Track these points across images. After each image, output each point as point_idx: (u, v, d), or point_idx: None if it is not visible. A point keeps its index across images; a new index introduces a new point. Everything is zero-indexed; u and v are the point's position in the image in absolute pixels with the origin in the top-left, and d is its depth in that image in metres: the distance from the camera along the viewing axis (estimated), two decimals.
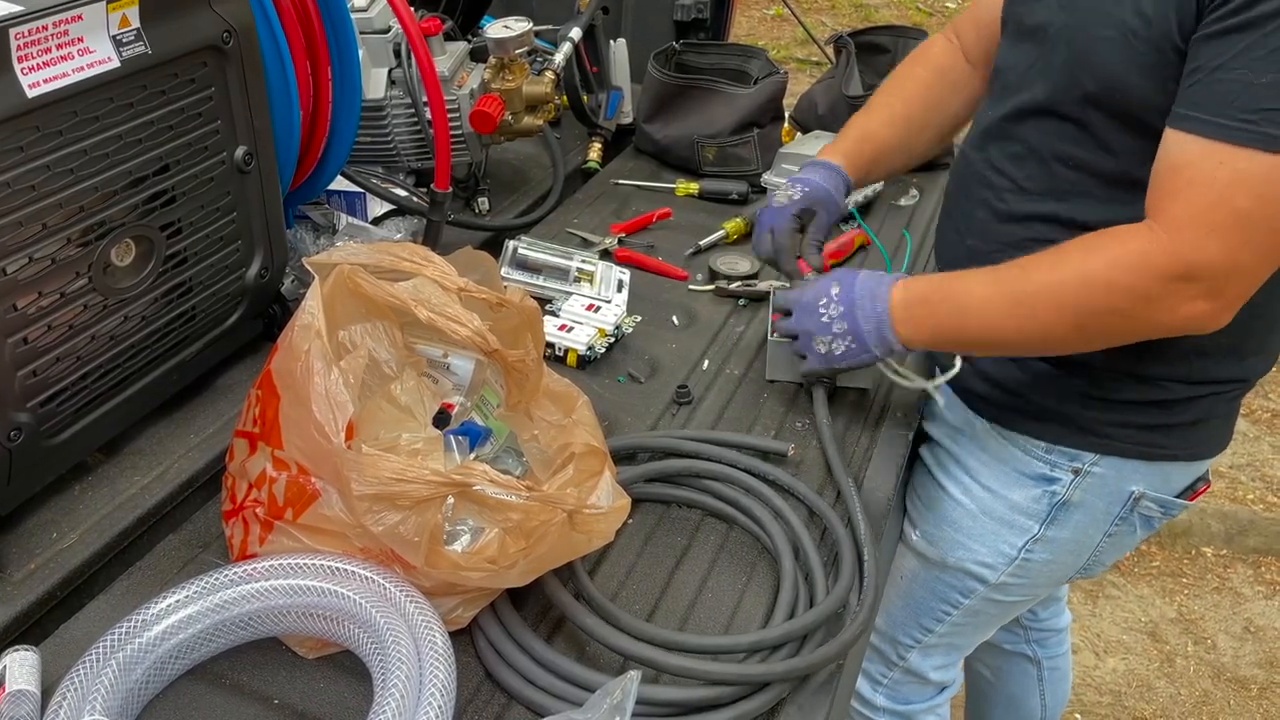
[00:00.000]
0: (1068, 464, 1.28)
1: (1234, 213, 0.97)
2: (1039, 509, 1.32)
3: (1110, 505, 1.30)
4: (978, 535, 1.38)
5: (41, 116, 0.92)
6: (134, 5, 0.99)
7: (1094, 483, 1.28)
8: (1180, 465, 1.27)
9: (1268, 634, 2.64)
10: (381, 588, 0.92)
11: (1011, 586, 1.40)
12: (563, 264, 1.53)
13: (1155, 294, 1.02)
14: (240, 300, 1.25)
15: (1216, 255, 0.99)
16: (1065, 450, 1.28)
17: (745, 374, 1.41)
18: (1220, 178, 0.97)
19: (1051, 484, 1.30)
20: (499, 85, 1.64)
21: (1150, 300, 1.03)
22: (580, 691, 0.91)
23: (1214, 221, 0.98)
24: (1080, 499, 1.30)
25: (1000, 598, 1.42)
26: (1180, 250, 1.00)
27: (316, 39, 1.27)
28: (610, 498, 0.98)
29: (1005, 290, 1.11)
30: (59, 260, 0.98)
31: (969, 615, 1.45)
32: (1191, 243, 0.99)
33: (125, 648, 0.87)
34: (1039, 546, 1.35)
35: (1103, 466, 1.27)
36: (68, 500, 1.09)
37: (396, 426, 1.03)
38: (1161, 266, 1.01)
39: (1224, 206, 0.98)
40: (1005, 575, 1.38)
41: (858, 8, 6.73)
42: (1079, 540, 1.34)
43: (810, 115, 2.03)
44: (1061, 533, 1.33)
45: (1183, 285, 1.01)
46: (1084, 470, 1.28)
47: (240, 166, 1.17)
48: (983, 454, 1.36)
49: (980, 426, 1.35)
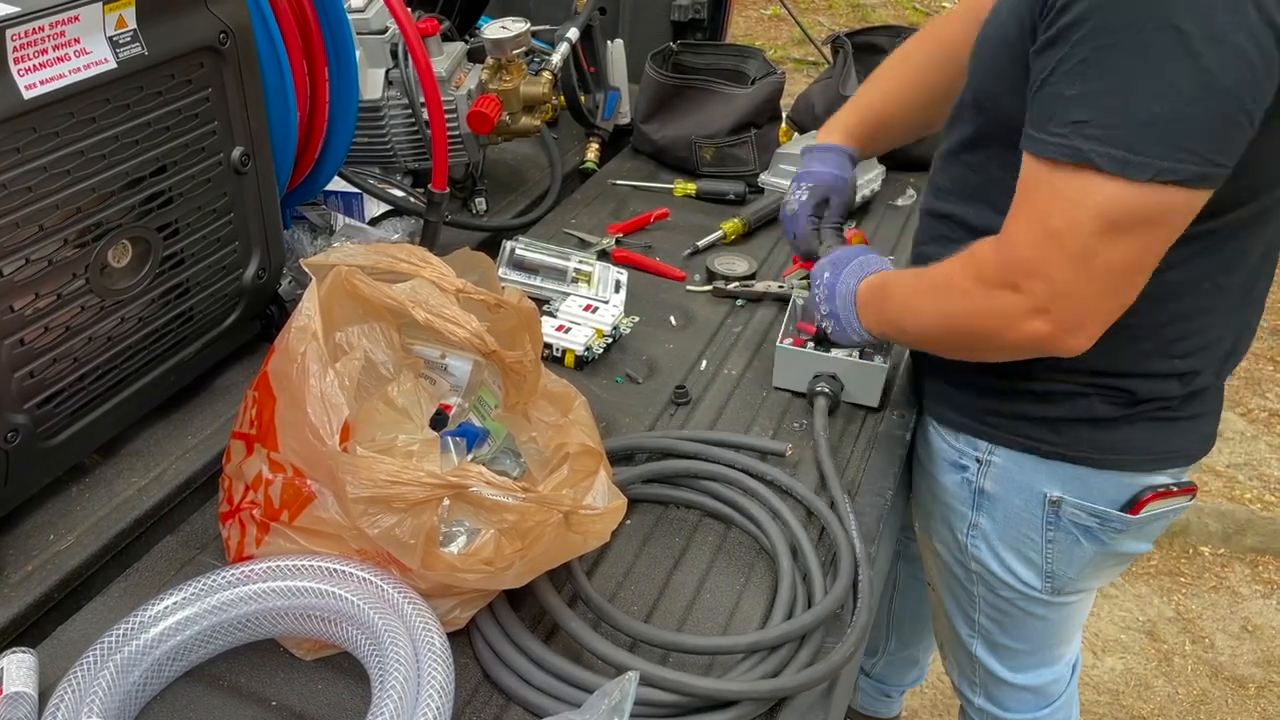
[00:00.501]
0: (971, 452, 1.32)
1: (1047, 232, 0.98)
2: (965, 494, 1.35)
3: (1028, 503, 1.30)
4: (938, 518, 1.42)
5: (38, 118, 0.92)
6: (130, 6, 0.99)
7: (999, 474, 1.30)
8: (1100, 473, 1.24)
9: (1265, 633, 2.65)
10: (379, 589, 0.92)
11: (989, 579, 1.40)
12: (560, 264, 1.53)
13: (991, 306, 1.05)
14: (237, 301, 1.25)
15: (1036, 274, 1.00)
16: (967, 438, 1.32)
17: (743, 374, 1.41)
18: (1039, 198, 0.99)
19: (964, 471, 1.33)
20: (496, 86, 1.64)
21: (988, 312, 1.06)
22: (578, 692, 0.91)
23: (1032, 241, 1.00)
24: (994, 490, 1.32)
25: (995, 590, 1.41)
26: (1006, 268, 1.03)
27: (313, 40, 1.27)
28: (606, 498, 0.98)
29: (910, 288, 1.19)
30: (56, 261, 0.98)
31: (992, 608, 1.45)
32: (1015, 262, 1.02)
33: (123, 649, 0.87)
34: (979, 536, 1.37)
35: (999, 458, 1.29)
36: (65, 502, 1.09)
37: (393, 428, 1.03)
38: (993, 278, 1.04)
39: (1039, 226, 0.99)
40: (973, 564, 1.40)
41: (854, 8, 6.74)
42: (1016, 538, 1.33)
43: (807, 115, 2.03)
44: (993, 525, 1.34)
45: (1009, 295, 1.03)
46: (985, 460, 1.30)
47: (237, 167, 1.17)
48: (922, 439, 1.41)
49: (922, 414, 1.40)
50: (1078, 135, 0.94)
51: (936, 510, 1.43)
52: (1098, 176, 0.94)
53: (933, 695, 2.46)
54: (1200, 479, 3.06)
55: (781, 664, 0.96)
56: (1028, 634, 1.48)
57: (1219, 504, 2.97)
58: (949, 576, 1.48)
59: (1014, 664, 1.53)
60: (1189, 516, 2.91)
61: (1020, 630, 1.47)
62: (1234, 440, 3.22)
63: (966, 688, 1.63)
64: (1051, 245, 0.99)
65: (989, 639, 1.51)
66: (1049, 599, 1.39)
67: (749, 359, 1.45)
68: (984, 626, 1.49)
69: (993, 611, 1.46)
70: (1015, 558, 1.36)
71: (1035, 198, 1.00)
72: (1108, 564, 1.36)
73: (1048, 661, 1.54)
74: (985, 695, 1.61)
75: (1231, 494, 3.02)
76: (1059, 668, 1.56)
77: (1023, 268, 1.01)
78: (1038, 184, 1.00)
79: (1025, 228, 1.01)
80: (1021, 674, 1.54)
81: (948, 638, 1.61)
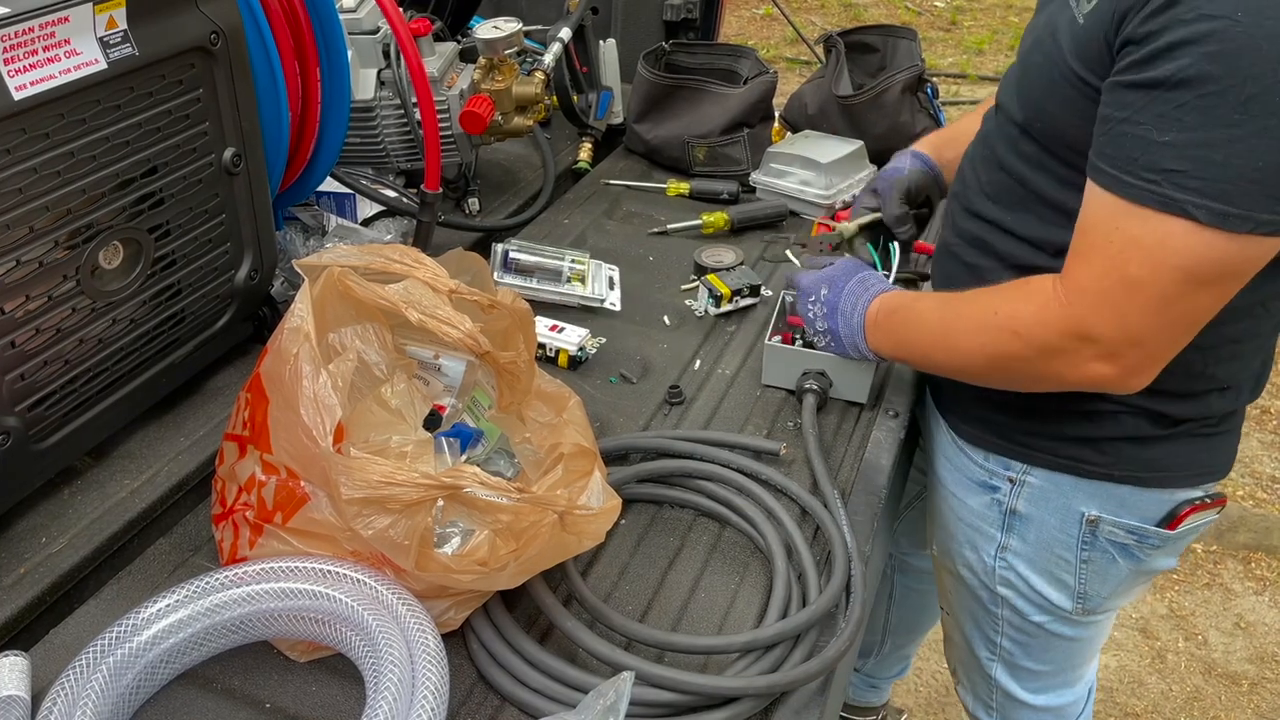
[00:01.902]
0: (1003, 472, 1.30)
1: (1125, 280, 0.97)
2: (994, 515, 1.34)
3: (1064, 523, 1.28)
4: (962, 540, 1.41)
5: (28, 119, 0.92)
6: (121, 7, 0.98)
7: (1034, 494, 1.29)
8: (1139, 490, 1.24)
9: (1258, 630, 2.65)
10: (373, 590, 0.92)
11: (1014, 600, 1.39)
12: (554, 264, 1.53)
13: (1053, 348, 1.04)
14: (230, 302, 1.25)
15: (1109, 321, 0.99)
16: (999, 459, 1.30)
17: (737, 374, 1.41)
18: (1115, 242, 0.97)
19: (995, 491, 1.32)
20: (488, 86, 1.63)
21: (1049, 354, 1.05)
22: (574, 693, 0.91)
23: (1106, 289, 0.98)
24: (1027, 511, 1.30)
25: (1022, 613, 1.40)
26: (1074, 313, 1.01)
27: (305, 40, 1.27)
28: (601, 498, 0.98)
29: (941, 321, 1.17)
30: (46, 263, 0.98)
31: (1016, 630, 1.44)
32: (1085, 306, 1.00)
33: (115, 652, 0.86)
34: (1010, 557, 1.35)
35: (1036, 478, 1.28)
36: (57, 504, 1.08)
37: (387, 429, 1.02)
38: (1058, 325, 1.03)
39: (1116, 273, 0.97)
40: (1000, 586, 1.39)
41: (847, 7, 6.75)
42: (1048, 558, 1.32)
43: (800, 115, 2.03)
44: (1025, 546, 1.33)
45: (1079, 344, 1.02)
46: (1018, 480, 1.29)
47: (229, 168, 1.17)
48: (945, 460, 1.39)
49: (944, 434, 1.39)
50: (1170, 184, 0.92)
51: (959, 533, 1.40)
52: (1190, 226, 0.92)
53: (927, 694, 2.47)
54: None
55: (776, 663, 0.96)
56: (1052, 655, 1.46)
57: None
58: (969, 600, 1.47)
59: (1035, 686, 1.52)
60: None
61: (1045, 652, 1.46)
62: None
63: (982, 711, 1.61)
64: (1129, 294, 0.97)
65: (1011, 662, 1.49)
66: (1078, 620, 1.38)
67: (743, 358, 1.45)
68: (1006, 650, 1.47)
69: (1017, 634, 1.44)
70: (1046, 579, 1.34)
71: (1109, 241, 0.97)
72: (1139, 582, 1.35)
73: (1070, 683, 1.53)
74: (1002, 718, 1.59)
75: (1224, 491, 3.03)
76: (1079, 688, 1.55)
77: (1095, 315, 0.99)
78: (1112, 226, 0.97)
79: (1099, 274, 0.98)
80: (1042, 695, 1.53)
81: (964, 662, 1.59)
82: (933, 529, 1.50)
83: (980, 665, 1.54)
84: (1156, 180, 0.93)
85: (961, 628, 1.54)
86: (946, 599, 1.56)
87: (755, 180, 1.86)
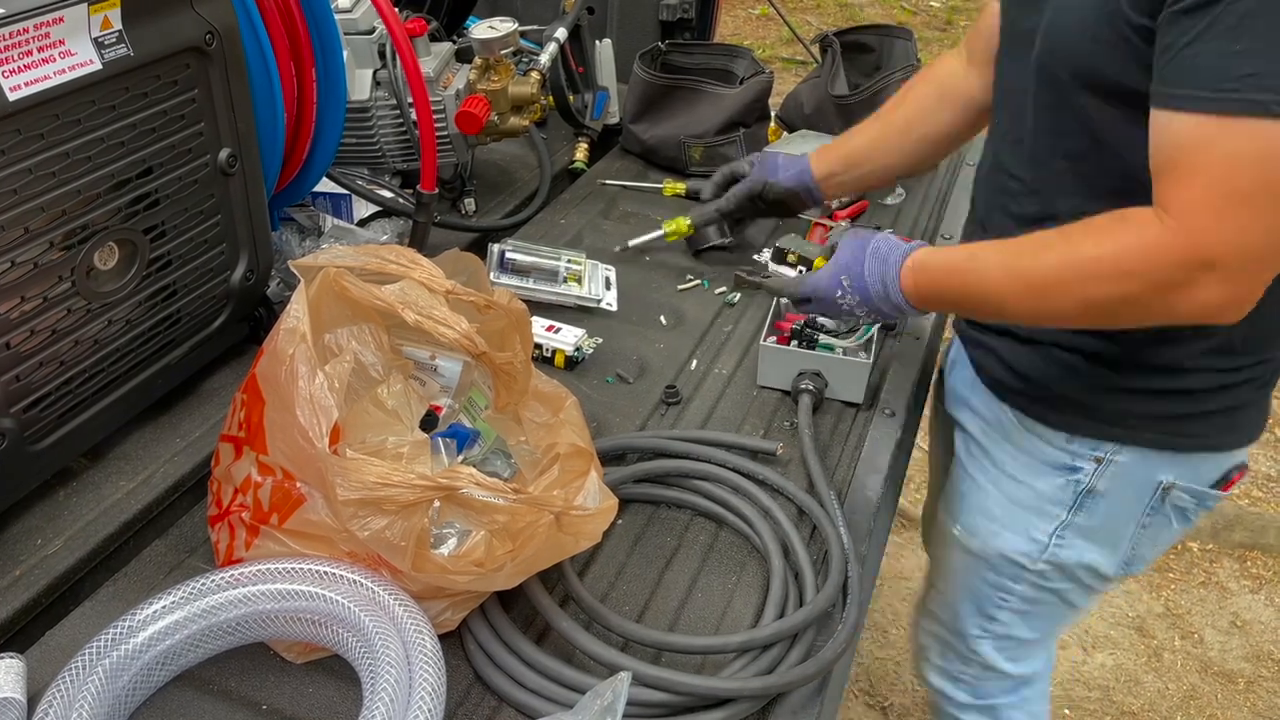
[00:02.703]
0: (1089, 453, 1.30)
1: (1236, 195, 0.94)
2: (1065, 496, 1.34)
3: (1140, 494, 1.30)
4: (1010, 524, 1.40)
5: (23, 120, 0.91)
6: (116, 7, 0.98)
7: (1118, 471, 1.29)
8: (1209, 455, 1.28)
9: (1254, 628, 2.66)
10: (370, 591, 0.91)
11: (1051, 574, 1.40)
12: (550, 265, 1.53)
13: (1171, 282, 0.99)
14: (225, 303, 1.25)
15: (1230, 241, 0.96)
16: (1086, 440, 1.29)
17: (733, 374, 1.41)
18: (1216, 158, 0.95)
19: (1075, 472, 1.32)
20: (484, 86, 1.63)
21: (1166, 288, 1.00)
22: (571, 693, 0.91)
23: (1221, 206, 0.95)
24: (1106, 488, 1.31)
25: (1047, 584, 1.42)
26: (1195, 238, 0.97)
27: (300, 40, 1.27)
28: (597, 499, 0.98)
29: (1017, 276, 1.10)
30: (41, 264, 0.97)
31: (1027, 603, 1.46)
32: (1204, 229, 0.96)
33: (111, 654, 0.86)
34: (1070, 534, 1.36)
35: (1125, 456, 1.28)
36: (52, 506, 1.08)
37: (383, 430, 1.02)
38: (1176, 255, 0.98)
39: (1224, 189, 0.95)
40: (1042, 563, 1.39)
41: (843, 7, 6.75)
42: (1110, 530, 1.35)
43: (796, 114, 2.03)
44: (1091, 521, 1.34)
45: (1199, 273, 0.98)
46: (1106, 459, 1.29)
47: (224, 169, 1.16)
48: (1008, 445, 1.38)
49: (1007, 418, 1.37)
50: (1252, 88, 0.91)
51: (1008, 515, 1.39)
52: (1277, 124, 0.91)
53: (925, 693, 2.47)
54: None
55: (773, 663, 0.96)
56: (1050, 622, 1.49)
57: None
58: (977, 579, 1.47)
59: (1019, 654, 1.54)
60: None
61: (1045, 620, 1.48)
62: None
63: (949, 685, 1.63)
64: (1245, 209, 0.94)
65: (1003, 634, 1.51)
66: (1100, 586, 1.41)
67: (739, 358, 1.45)
68: (1003, 622, 1.49)
69: (1025, 604, 1.46)
70: (1100, 549, 1.36)
71: (1205, 161, 0.95)
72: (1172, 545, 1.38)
73: (1048, 648, 1.56)
74: (971, 690, 1.61)
75: None
76: (1051, 651, 1.59)
77: (1215, 236, 0.96)
78: (1204, 146, 0.95)
79: (1207, 196, 0.95)
80: (1020, 664, 1.56)
81: (942, 638, 1.61)
82: (958, 511, 1.48)
83: (965, 640, 1.56)
84: (1236, 87, 0.92)
85: (953, 604, 1.55)
86: (944, 576, 1.56)
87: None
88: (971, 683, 1.61)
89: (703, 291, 1.61)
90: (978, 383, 1.41)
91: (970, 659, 1.57)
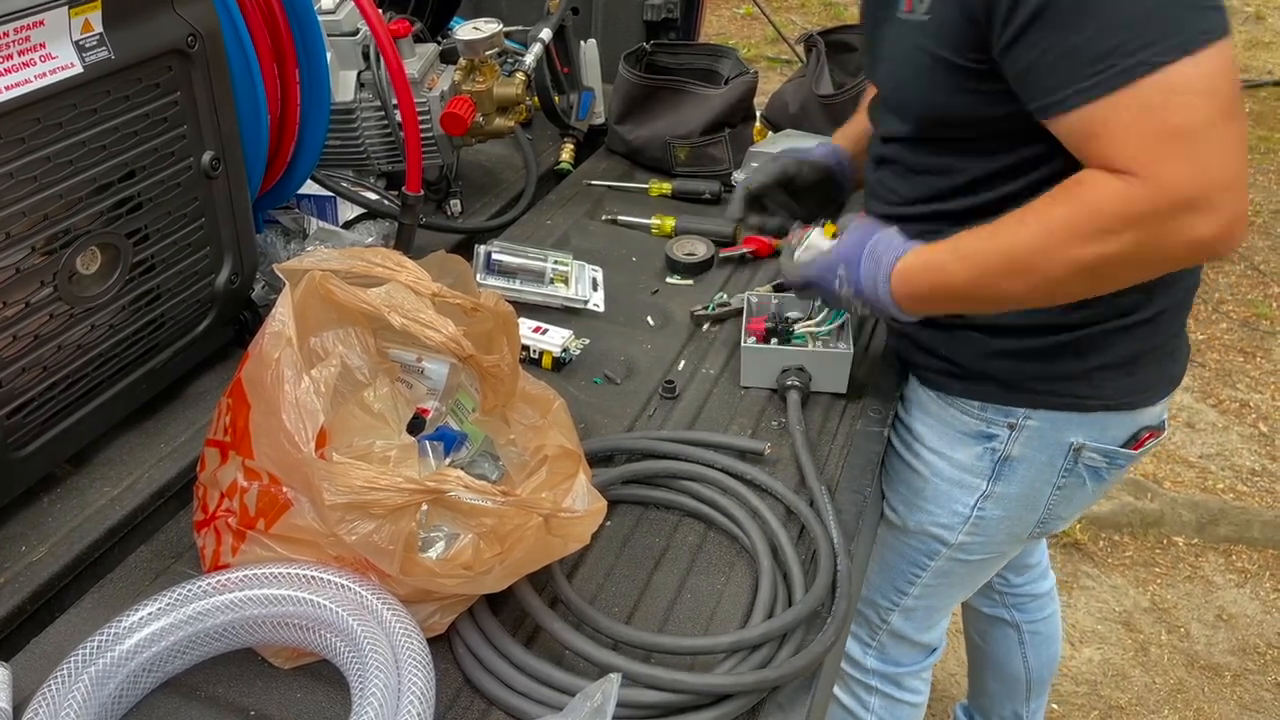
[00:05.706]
0: (1003, 420, 1.33)
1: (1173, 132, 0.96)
2: (983, 466, 1.37)
3: (1052, 457, 1.33)
4: (933, 498, 1.43)
5: (3, 124, 0.91)
6: (96, 10, 0.97)
7: (1030, 435, 1.32)
8: (1116, 415, 1.31)
9: (1240, 622, 2.68)
10: (358, 595, 0.91)
11: (972, 545, 1.44)
12: (537, 266, 1.53)
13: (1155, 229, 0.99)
14: (210, 307, 1.24)
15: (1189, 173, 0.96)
16: (998, 407, 1.33)
17: (721, 374, 1.42)
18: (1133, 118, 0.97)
19: (990, 440, 1.35)
20: (469, 87, 1.63)
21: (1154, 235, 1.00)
22: (560, 696, 0.91)
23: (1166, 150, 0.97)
24: (1020, 453, 1.34)
25: (964, 557, 1.47)
26: (1163, 183, 0.97)
27: (283, 42, 1.26)
28: (586, 501, 0.98)
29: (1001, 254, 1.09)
30: (23, 269, 0.97)
31: (938, 576, 1.51)
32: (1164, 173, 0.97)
33: (98, 662, 0.85)
34: (990, 503, 1.39)
35: (1036, 419, 1.31)
36: (36, 513, 1.07)
37: (370, 433, 1.02)
38: (1149, 202, 0.98)
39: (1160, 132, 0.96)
40: (963, 534, 1.43)
41: (827, 6, 6.76)
42: (1028, 495, 1.38)
43: (781, 114, 2.03)
44: (1010, 488, 1.37)
45: (1176, 212, 0.98)
46: (1019, 424, 1.32)
47: (207, 171, 1.16)
48: (928, 418, 1.41)
49: (923, 394, 1.40)
50: (1121, 57, 0.95)
51: (930, 489, 1.42)
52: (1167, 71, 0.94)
53: None
54: (1173, 470, 3.10)
55: (763, 663, 0.96)
56: (961, 591, 1.57)
57: (1192, 495, 3.00)
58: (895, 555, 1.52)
59: (926, 623, 1.60)
60: (1163, 508, 2.94)
61: (955, 589, 1.55)
62: (1206, 431, 3.25)
63: (858, 649, 1.68)
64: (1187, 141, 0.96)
65: (914, 606, 1.56)
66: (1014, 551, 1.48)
67: (726, 358, 1.45)
68: (916, 595, 1.54)
69: (939, 577, 1.50)
70: (1017, 514, 1.40)
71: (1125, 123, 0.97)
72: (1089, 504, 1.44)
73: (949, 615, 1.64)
74: (880, 656, 1.66)
75: (1204, 484, 3.05)
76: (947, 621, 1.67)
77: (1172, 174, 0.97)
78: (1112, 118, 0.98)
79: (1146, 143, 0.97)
80: (926, 633, 1.62)
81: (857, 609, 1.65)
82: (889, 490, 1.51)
83: (877, 611, 1.61)
84: (1112, 63, 0.96)
85: (870, 576, 1.58)
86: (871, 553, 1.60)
87: (737, 179, 1.87)
88: (880, 650, 1.66)
89: (690, 291, 1.60)
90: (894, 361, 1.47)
91: (879, 628, 1.62)
